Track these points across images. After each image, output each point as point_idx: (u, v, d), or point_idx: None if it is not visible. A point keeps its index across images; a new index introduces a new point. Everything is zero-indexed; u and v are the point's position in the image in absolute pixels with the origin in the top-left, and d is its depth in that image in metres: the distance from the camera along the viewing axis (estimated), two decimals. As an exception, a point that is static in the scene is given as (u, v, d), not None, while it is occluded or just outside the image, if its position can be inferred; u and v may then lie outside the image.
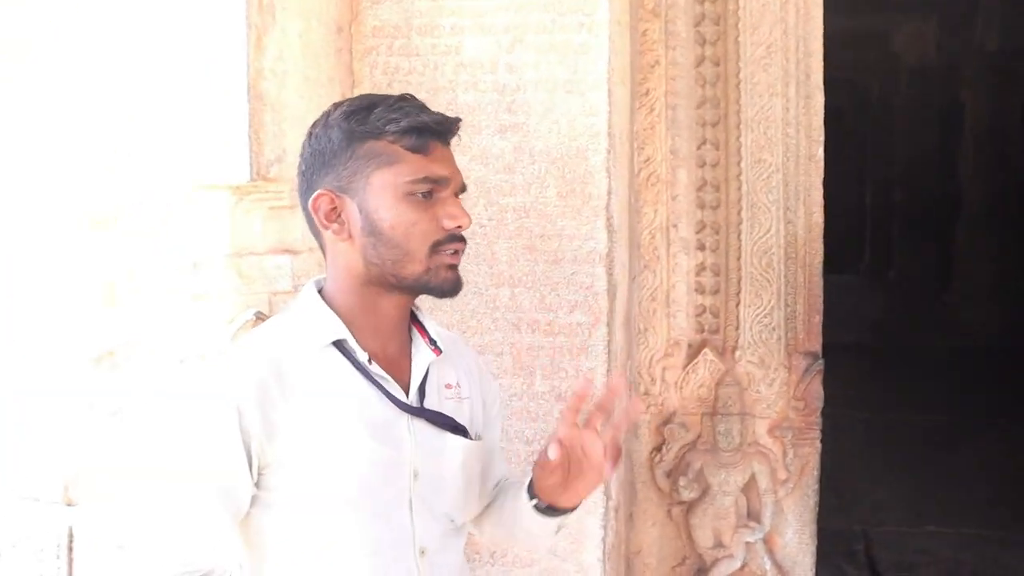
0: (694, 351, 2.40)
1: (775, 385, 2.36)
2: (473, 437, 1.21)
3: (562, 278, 2.03)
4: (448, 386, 1.21)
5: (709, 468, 2.38)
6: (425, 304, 1.22)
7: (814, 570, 2.41)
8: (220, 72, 1.78)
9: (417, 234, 1.09)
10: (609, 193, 1.99)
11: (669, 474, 2.42)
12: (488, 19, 2.02)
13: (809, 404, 2.36)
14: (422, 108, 1.12)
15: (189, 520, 1.06)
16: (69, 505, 2.15)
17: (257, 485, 1.06)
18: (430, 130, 1.10)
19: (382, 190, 1.08)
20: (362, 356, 1.10)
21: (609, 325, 2.03)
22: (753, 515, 2.40)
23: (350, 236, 1.10)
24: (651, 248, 2.40)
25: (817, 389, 2.36)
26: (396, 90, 2.03)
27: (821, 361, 2.36)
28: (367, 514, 1.09)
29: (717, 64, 2.36)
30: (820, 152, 2.36)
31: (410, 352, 1.17)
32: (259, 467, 1.06)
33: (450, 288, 1.12)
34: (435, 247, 1.09)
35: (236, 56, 1.75)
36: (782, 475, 2.37)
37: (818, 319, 2.40)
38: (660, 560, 2.47)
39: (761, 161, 2.32)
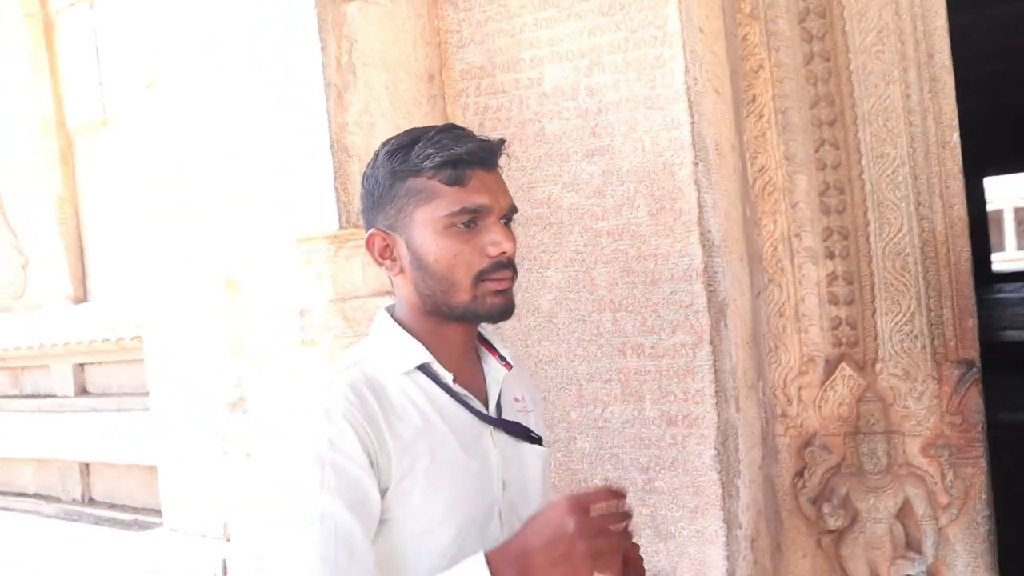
0: (831, 367, 2.30)
1: (924, 399, 2.21)
2: (544, 445, 1.30)
3: (661, 298, 2.05)
4: (516, 399, 1.31)
5: (856, 493, 2.26)
6: (523, 329, 1.30)
7: (994, 608, 2.20)
8: (307, 131, 2.00)
9: (461, 265, 1.16)
10: (700, 206, 1.99)
11: (815, 501, 2.32)
12: (564, 46, 2.11)
13: (967, 418, 2.18)
14: (459, 138, 1.17)
15: (334, 534, 1.08)
16: (227, 541, 2.43)
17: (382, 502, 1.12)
18: (465, 161, 1.15)
19: (424, 225, 1.16)
20: (446, 377, 1.19)
21: (713, 343, 2.01)
22: (913, 545, 2.24)
23: (402, 271, 1.20)
24: (774, 261, 2.34)
25: (975, 401, 2.17)
26: (492, 127, 2.20)
27: (977, 369, 2.18)
28: (464, 525, 1.15)
29: (828, 59, 2.29)
30: (955, 137, 2.21)
31: (482, 370, 1.27)
32: (380, 484, 1.11)
33: (498, 314, 1.19)
34: (480, 276, 1.16)
35: (318, 115, 1.96)
36: (943, 499, 2.20)
37: (972, 322, 2.22)
38: (814, 596, 2.37)
39: (884, 156, 2.21)
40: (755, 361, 2.32)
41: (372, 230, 1.20)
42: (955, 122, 2.22)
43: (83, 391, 3.11)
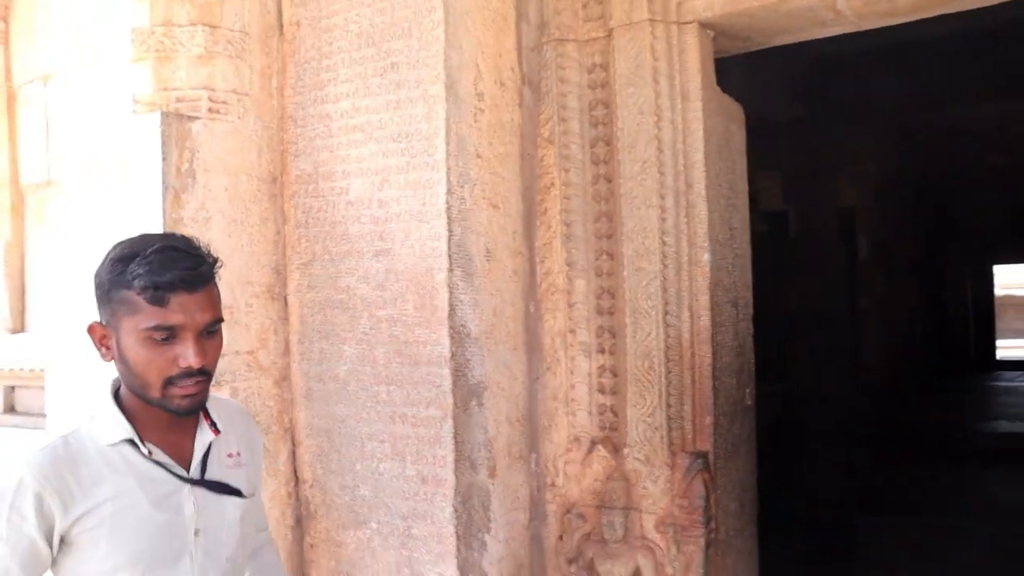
0: (594, 447, 2.87)
1: (660, 482, 2.75)
2: (247, 495, 1.67)
3: (421, 378, 2.67)
4: (230, 455, 1.67)
5: (599, 558, 2.82)
6: (326, 392, 1.91)
7: (705, 672, 2.70)
8: (150, 224, 2.71)
9: (153, 370, 1.48)
10: (452, 305, 2.60)
11: (571, 561, 2.88)
12: (366, 164, 2.77)
13: (692, 502, 2.71)
14: (168, 263, 1.46)
15: None
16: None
17: (63, 541, 1.48)
18: (167, 285, 1.44)
19: (128, 332, 1.48)
20: (144, 449, 1.53)
21: (456, 419, 2.61)
22: (643, 609, 2.78)
23: (114, 359, 1.52)
24: (552, 352, 2.94)
25: (699, 488, 2.70)
26: (312, 224, 2.88)
27: (703, 460, 2.71)
28: (150, 568, 1.52)
29: (610, 181, 2.88)
30: (706, 257, 2.77)
31: (194, 434, 1.61)
32: (57, 543, 1.48)
33: (184, 412, 1.52)
34: (168, 381, 1.48)
35: (156, 212, 2.68)
36: (668, 570, 2.73)
37: (709, 420, 2.76)
38: (569, 648, 2.91)
39: (640, 269, 2.79)
40: (528, 437, 2.91)
41: (94, 322, 1.55)
42: (706, 244, 2.78)
43: (11, 409, 3.93)
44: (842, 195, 7.54)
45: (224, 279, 2.83)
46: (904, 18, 2.84)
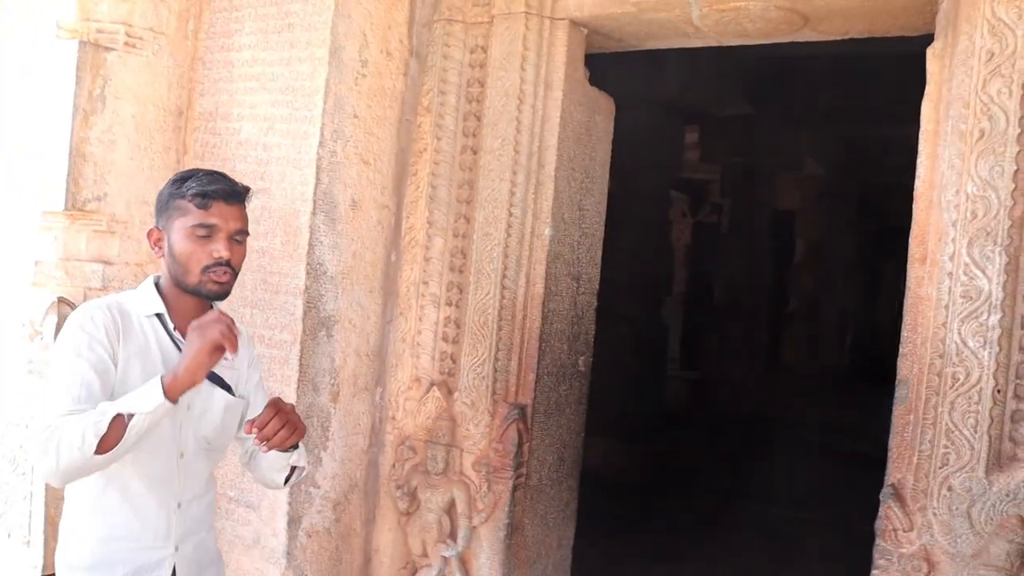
0: (430, 388, 3.33)
1: (481, 426, 3.22)
2: (235, 394, 2.08)
3: (279, 305, 3.12)
4: (225, 358, 1.91)
5: (421, 487, 3.29)
6: None
7: (500, 594, 3.19)
8: (59, 140, 3.14)
9: (194, 260, 1.94)
10: (311, 245, 3.05)
11: (399, 487, 3.35)
12: (258, 110, 3.20)
13: (505, 447, 3.18)
14: (214, 180, 1.96)
15: (79, 378, 1.84)
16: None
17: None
18: (211, 195, 1.94)
19: (177, 231, 1.95)
20: (170, 325, 2.00)
21: (304, 345, 3.06)
22: (453, 535, 3.25)
23: (164, 256, 2.00)
24: (406, 299, 3.39)
25: (513, 436, 3.17)
26: (207, 158, 3.30)
27: (519, 412, 3.17)
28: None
29: (475, 153, 3.31)
30: (547, 232, 3.21)
31: None
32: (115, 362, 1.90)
33: (215, 296, 1.98)
34: (205, 269, 1.94)
35: (64, 130, 3.10)
36: (479, 505, 3.20)
37: (532, 377, 3.22)
38: (392, 560, 3.40)
39: (488, 235, 3.23)
40: (375, 372, 3.37)
41: (153, 227, 2.02)
42: (549, 220, 3.22)
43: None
44: (782, 196, 7.98)
45: (123, 197, 3.32)
46: (757, 40, 3.25)
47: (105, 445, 1.76)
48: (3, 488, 3.48)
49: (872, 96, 7.04)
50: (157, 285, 2.04)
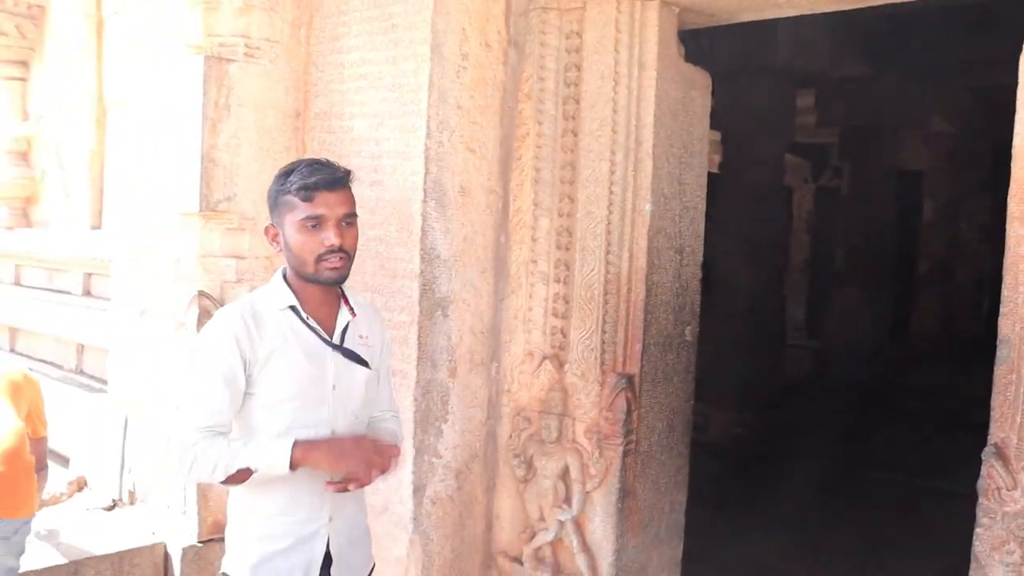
0: (542, 362, 3.55)
1: (591, 396, 3.42)
2: (371, 368, 2.28)
3: (397, 288, 3.40)
4: (361, 336, 2.27)
5: (537, 455, 3.52)
6: None
7: (614, 555, 3.39)
8: (191, 147, 3.50)
9: (307, 250, 2.11)
10: (424, 231, 3.31)
11: (516, 456, 3.59)
12: (368, 107, 3.48)
13: (615, 415, 3.37)
14: (314, 171, 2.11)
15: (211, 393, 2.07)
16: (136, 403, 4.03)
17: (247, 382, 2.10)
18: (313, 186, 2.09)
19: (289, 225, 2.12)
20: (303, 314, 2.17)
21: (421, 325, 3.33)
22: (568, 500, 3.47)
23: (282, 250, 2.18)
24: (516, 278, 3.61)
25: (622, 404, 3.35)
26: (324, 155, 3.60)
27: (627, 381, 3.36)
28: (302, 403, 2.14)
29: (575, 135, 3.50)
30: (647, 207, 3.38)
31: (337, 313, 2.24)
32: (248, 370, 2.09)
33: (331, 282, 2.16)
34: (319, 259, 2.11)
35: (195, 138, 3.46)
36: (592, 471, 3.41)
37: (638, 347, 3.40)
38: (512, 525, 3.65)
39: (590, 213, 3.42)
40: (490, 347, 3.62)
41: (268, 224, 2.21)
42: (649, 196, 3.38)
43: (87, 293, 4.87)
44: (908, 156, 7.82)
45: (249, 196, 3.67)
46: (851, 6, 3.33)
47: (230, 481, 2.07)
48: (162, 464, 3.91)
49: (1005, 44, 6.83)
50: (285, 277, 2.22)
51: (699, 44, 5.71)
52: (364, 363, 2.25)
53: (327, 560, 2.22)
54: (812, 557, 5.03)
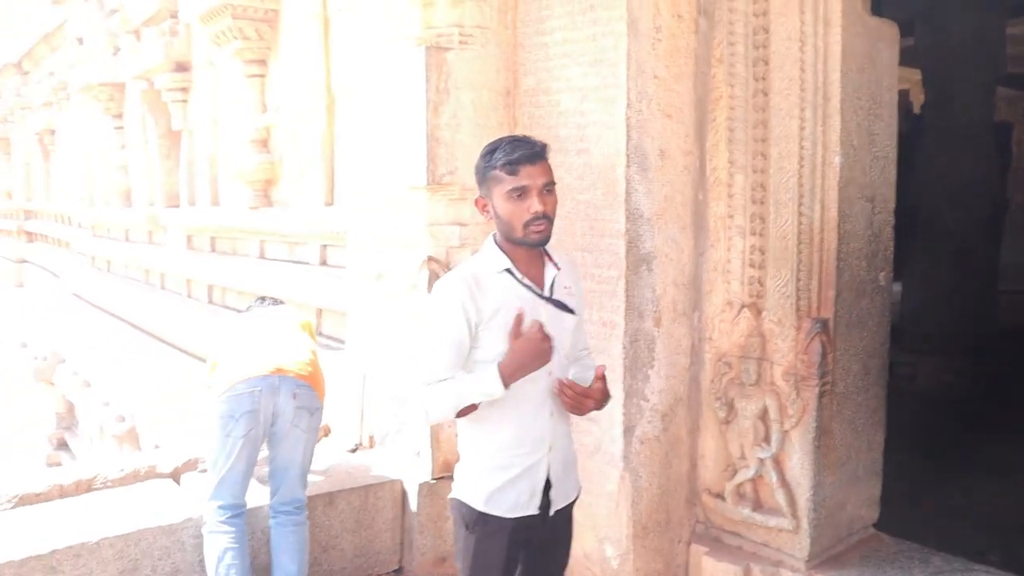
0: (741, 310, 3.86)
1: (787, 340, 3.70)
2: (576, 313, 2.63)
3: (604, 247, 3.79)
4: (565, 287, 2.62)
5: (737, 397, 3.84)
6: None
7: (812, 491, 3.67)
8: (416, 128, 4.02)
9: (516, 218, 2.43)
10: (628, 193, 3.68)
11: (718, 399, 3.93)
12: (573, 83, 3.87)
13: (811, 358, 3.63)
14: (516, 147, 2.42)
15: (441, 352, 2.44)
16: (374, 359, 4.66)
17: (473, 339, 2.46)
18: (516, 160, 2.41)
19: (498, 196, 2.45)
20: (519, 274, 2.50)
21: (628, 279, 3.71)
22: (767, 438, 3.78)
23: (492, 218, 2.51)
24: (715, 232, 3.93)
25: (817, 347, 3.61)
26: (534, 128, 4.05)
27: (821, 325, 3.61)
28: None
29: (766, 95, 3.76)
30: (837, 160, 3.60)
31: (543, 269, 2.58)
32: (474, 330, 2.45)
33: (538, 243, 2.48)
34: (526, 224, 2.43)
35: (420, 119, 3.97)
36: (789, 411, 3.69)
37: (831, 293, 3.64)
38: (715, 463, 4.00)
39: (782, 168, 3.68)
40: (691, 298, 3.96)
41: (477, 196, 2.55)
42: (838, 149, 3.60)
43: (323, 263, 5.56)
44: None
45: (469, 169, 4.16)
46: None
47: (461, 415, 2.47)
48: (398, 412, 4.52)
49: None
50: (496, 243, 2.55)
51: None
52: (571, 311, 2.59)
53: (547, 485, 2.57)
54: (1022, 505, 5.09)
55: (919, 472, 5.08)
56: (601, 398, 2.57)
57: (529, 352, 2.41)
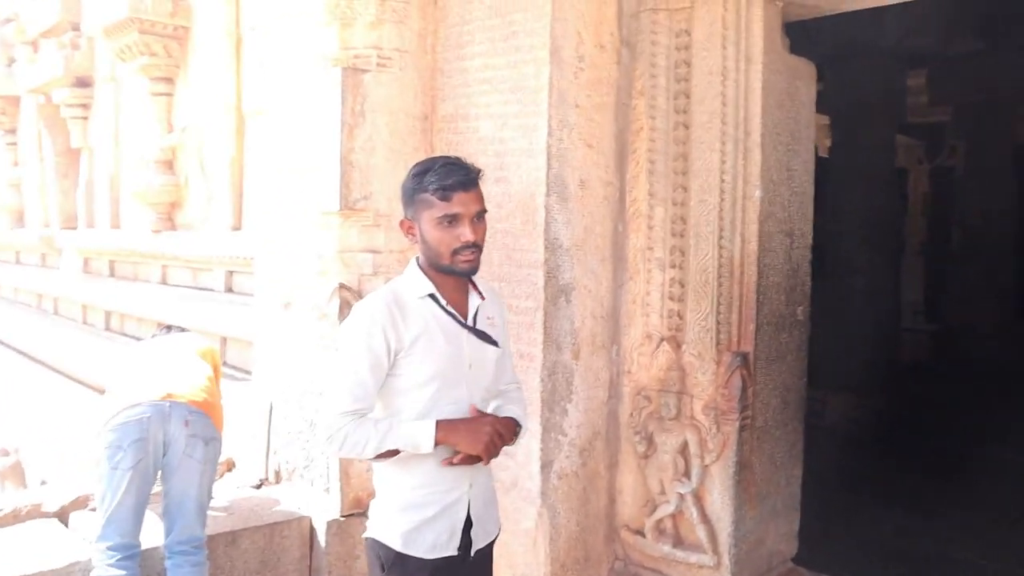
0: (660, 343, 3.83)
1: (707, 374, 3.68)
2: (499, 346, 2.53)
3: (523, 277, 3.71)
4: (488, 318, 2.51)
5: (656, 432, 3.80)
6: None
7: (733, 526, 3.64)
8: (330, 151, 3.89)
9: (444, 245, 2.33)
10: (547, 223, 3.61)
11: (637, 433, 3.87)
12: (492, 109, 3.80)
13: (731, 392, 3.62)
14: (450, 172, 2.31)
15: (357, 379, 2.31)
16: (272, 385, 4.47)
17: (391, 366, 2.34)
18: (450, 187, 2.30)
19: (427, 221, 2.33)
20: (442, 300, 2.40)
21: (547, 311, 3.64)
22: (687, 473, 3.74)
23: (418, 242, 2.39)
24: (634, 264, 3.89)
25: (737, 381, 3.60)
26: (452, 153, 3.95)
27: (741, 359, 3.60)
28: (444, 383, 2.37)
29: (687, 128, 3.76)
30: (757, 194, 3.61)
31: (467, 298, 2.49)
32: (392, 358, 2.32)
33: (466, 272, 2.40)
34: (455, 252, 2.33)
35: (334, 142, 3.85)
36: (709, 445, 3.67)
37: (751, 327, 3.64)
38: (634, 499, 3.94)
39: (703, 201, 3.67)
40: (610, 331, 3.91)
41: (403, 218, 2.43)
42: (758, 183, 3.61)
43: (229, 290, 5.36)
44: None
45: (384, 195, 4.05)
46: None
47: (378, 458, 2.35)
48: (306, 446, 4.34)
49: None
50: (420, 267, 2.44)
51: (805, 28, 5.86)
52: (494, 342, 2.49)
53: (467, 524, 2.46)
54: (933, 535, 5.17)
55: (832, 506, 5.11)
56: (508, 434, 2.46)
57: (472, 437, 2.36)
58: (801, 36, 6.03)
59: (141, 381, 3.64)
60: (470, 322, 2.45)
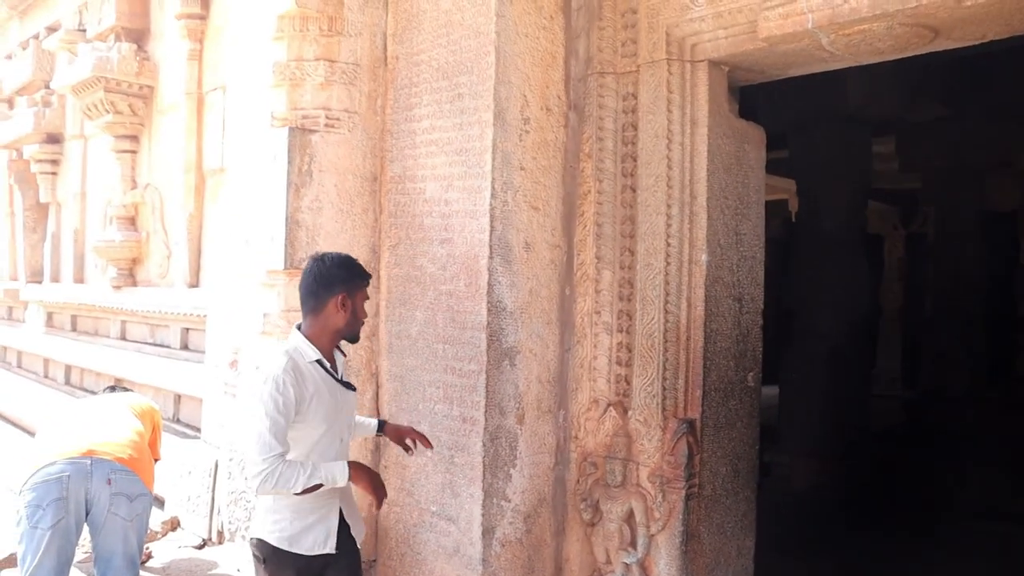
0: (607, 409, 3.76)
1: (654, 441, 3.60)
2: (356, 391, 3.16)
3: (466, 340, 3.66)
4: (347, 367, 3.15)
5: (603, 499, 3.71)
6: (400, 347, 3.10)
7: (680, 598, 3.54)
8: (277, 210, 3.86)
9: (361, 317, 3.00)
10: (491, 285, 3.57)
11: (583, 500, 3.78)
12: (438, 171, 3.78)
13: (678, 460, 3.54)
14: (360, 265, 3.00)
15: (278, 427, 2.75)
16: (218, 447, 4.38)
17: (296, 415, 2.82)
18: (368, 279, 3.02)
19: (359, 300, 2.96)
20: (327, 365, 2.94)
21: (489, 374, 3.58)
22: (633, 542, 3.64)
23: (347, 314, 2.93)
24: (581, 328, 3.84)
25: (683, 448, 3.53)
26: (399, 215, 3.93)
27: (688, 426, 3.53)
28: (328, 428, 2.91)
29: (634, 191, 3.73)
30: (703, 258, 3.57)
31: (333, 357, 3.02)
32: (293, 413, 2.79)
33: (358, 338, 3.06)
34: (361, 323, 3.02)
35: (280, 203, 3.82)
36: (656, 514, 3.58)
37: (698, 393, 3.58)
38: (580, 568, 3.84)
39: (649, 265, 3.64)
40: (557, 396, 3.84)
41: (342, 295, 2.90)
42: (704, 247, 3.58)
43: (185, 347, 5.28)
44: (996, 197, 7.77)
45: (330, 255, 3.92)
46: (894, 56, 3.47)
47: (304, 492, 2.80)
48: (247, 506, 4.23)
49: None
50: (303, 334, 2.92)
51: (768, 95, 5.88)
52: (354, 389, 3.12)
53: (344, 526, 2.97)
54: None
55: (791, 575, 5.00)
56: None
57: (374, 482, 2.94)
58: (763, 101, 6.06)
59: (62, 438, 3.59)
60: (341, 376, 3.03)
